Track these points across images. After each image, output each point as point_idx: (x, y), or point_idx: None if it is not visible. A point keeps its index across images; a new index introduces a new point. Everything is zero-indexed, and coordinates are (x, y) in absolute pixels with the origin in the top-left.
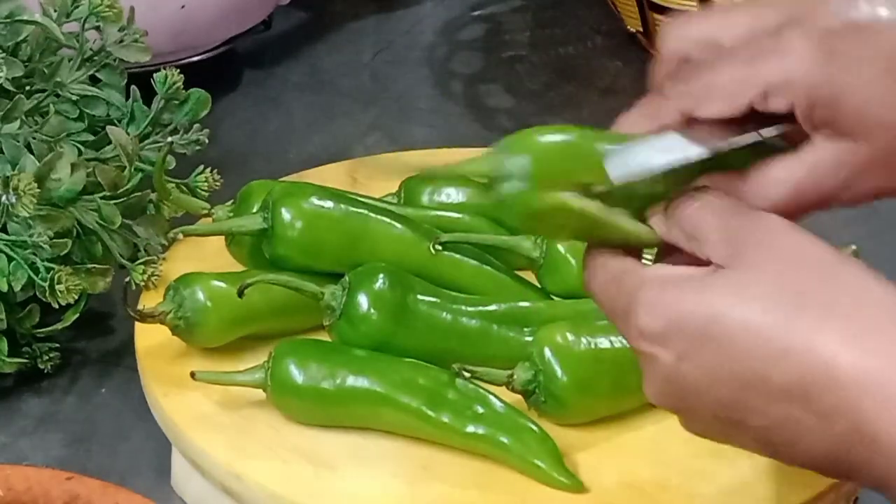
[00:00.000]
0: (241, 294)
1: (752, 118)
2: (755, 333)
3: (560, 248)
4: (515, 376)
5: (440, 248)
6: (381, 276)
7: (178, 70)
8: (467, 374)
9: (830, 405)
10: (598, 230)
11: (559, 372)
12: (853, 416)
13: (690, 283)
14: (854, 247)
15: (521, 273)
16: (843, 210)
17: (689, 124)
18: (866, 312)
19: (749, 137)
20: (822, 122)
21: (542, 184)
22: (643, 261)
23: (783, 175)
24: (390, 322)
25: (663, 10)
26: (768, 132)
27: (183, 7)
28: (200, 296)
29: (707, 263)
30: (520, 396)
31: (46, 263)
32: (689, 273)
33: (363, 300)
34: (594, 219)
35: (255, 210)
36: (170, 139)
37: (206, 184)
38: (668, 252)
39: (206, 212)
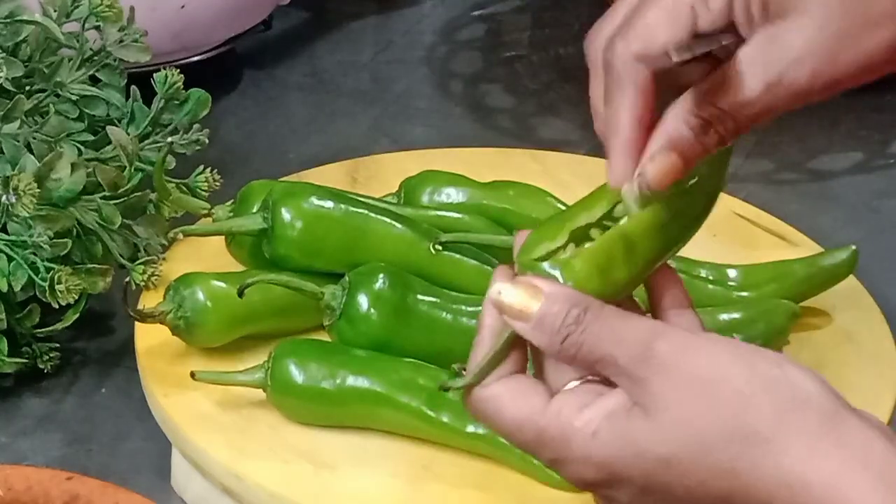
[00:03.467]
0: (241, 294)
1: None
2: (694, 477)
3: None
4: None
5: (440, 248)
6: (381, 276)
7: (178, 70)
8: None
9: None
10: None
11: None
12: None
13: (614, 429)
14: (854, 247)
15: None
16: (843, 210)
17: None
18: (787, 424)
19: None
20: (758, 5)
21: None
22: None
23: (739, 78)
24: (390, 322)
25: None
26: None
27: (183, 7)
28: (200, 296)
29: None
30: None
31: (46, 263)
32: (608, 411)
33: (363, 300)
34: None
35: (255, 210)
36: (170, 139)
37: (206, 184)
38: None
39: (205, 212)
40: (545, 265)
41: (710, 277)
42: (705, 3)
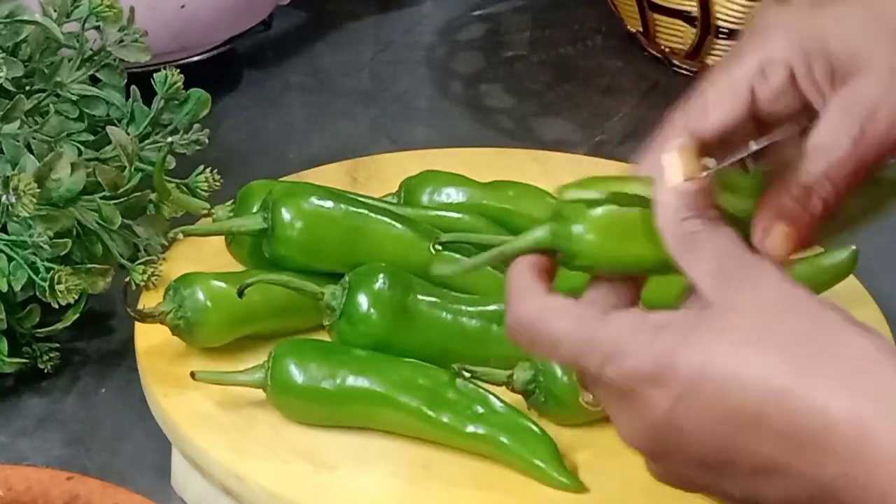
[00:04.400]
0: (241, 294)
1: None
2: (749, 379)
3: None
4: (515, 376)
5: (440, 248)
6: (382, 276)
7: (178, 70)
8: (467, 374)
9: (822, 451)
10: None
11: (559, 372)
12: (845, 463)
13: (679, 326)
14: (854, 247)
15: None
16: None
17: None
18: (852, 357)
19: (744, 151)
20: (823, 74)
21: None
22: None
23: (825, 140)
24: (390, 322)
25: (663, 10)
26: (762, 142)
27: (183, 7)
28: (200, 296)
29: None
30: (520, 396)
31: (46, 263)
32: (674, 316)
33: (363, 300)
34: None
35: (255, 210)
36: (170, 139)
37: (206, 184)
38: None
39: (205, 212)
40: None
41: None
42: (764, 78)
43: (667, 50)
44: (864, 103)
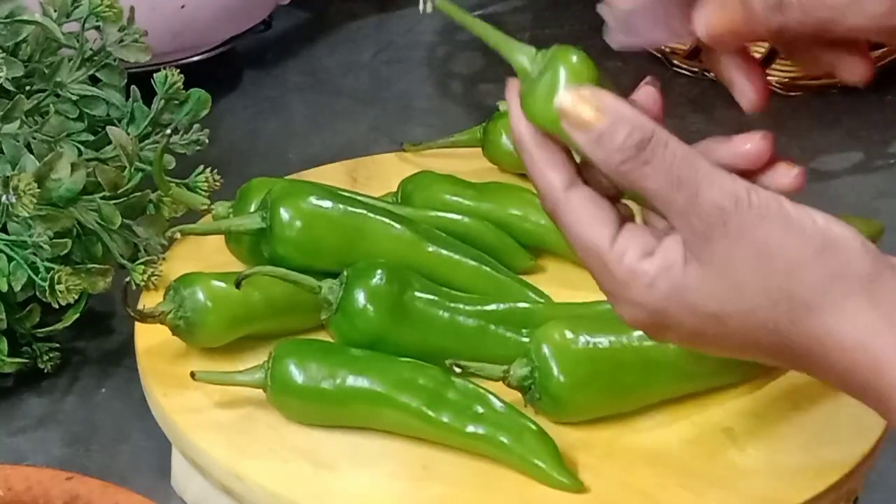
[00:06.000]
0: (238, 286)
1: None
2: (740, 331)
3: None
4: (512, 372)
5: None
6: (379, 271)
7: (178, 70)
8: (458, 370)
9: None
10: None
11: (555, 370)
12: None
13: (671, 285)
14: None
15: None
16: (843, 210)
17: None
18: (830, 290)
19: None
20: None
21: None
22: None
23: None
24: (386, 318)
25: None
26: None
27: (183, 7)
28: (200, 296)
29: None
30: (520, 396)
31: (46, 263)
32: (666, 264)
33: (360, 295)
34: None
35: (253, 208)
36: (168, 130)
37: (206, 184)
38: None
39: (205, 207)
40: None
41: None
42: None
43: (667, 50)
44: None
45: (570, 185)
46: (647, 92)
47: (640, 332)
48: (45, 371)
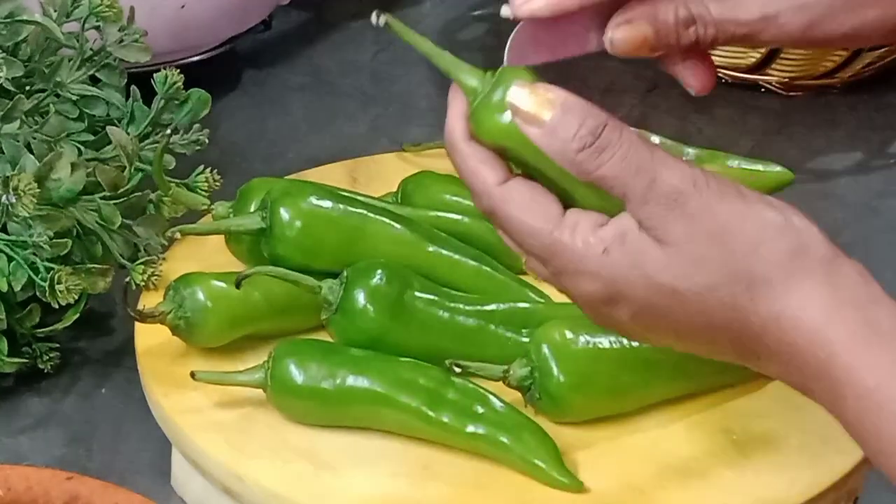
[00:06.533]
0: (238, 285)
1: None
2: (696, 306)
3: None
4: (511, 372)
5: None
6: (379, 271)
7: (178, 70)
8: (458, 370)
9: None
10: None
11: (555, 370)
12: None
13: (627, 253)
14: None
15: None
16: (843, 210)
17: None
18: (789, 269)
19: None
20: None
21: None
22: None
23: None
24: (386, 318)
25: None
26: None
27: (183, 7)
28: (200, 296)
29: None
30: (520, 396)
31: (46, 263)
32: (621, 232)
33: (360, 295)
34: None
35: (253, 208)
36: (168, 130)
37: (206, 184)
38: None
39: (205, 207)
40: None
41: None
42: None
43: None
44: None
45: (505, 179)
46: None
47: None
48: (45, 371)
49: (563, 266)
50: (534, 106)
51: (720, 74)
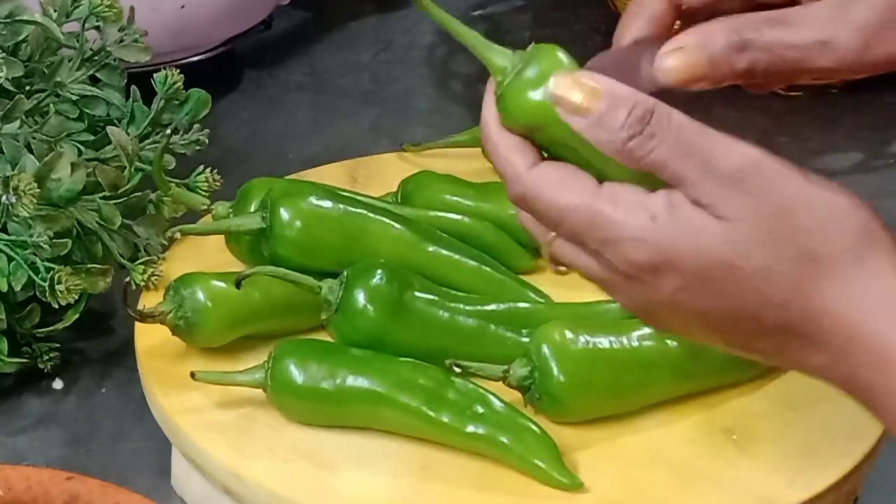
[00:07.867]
0: (238, 285)
1: None
2: (750, 284)
3: None
4: (511, 372)
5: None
6: (379, 271)
7: (178, 70)
8: (458, 370)
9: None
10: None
11: (555, 370)
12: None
13: (679, 220)
14: None
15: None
16: None
17: None
18: (848, 254)
19: None
20: None
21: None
22: None
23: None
24: (386, 318)
25: None
26: None
27: (183, 7)
28: (200, 296)
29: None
30: (520, 396)
31: (46, 263)
32: (669, 202)
33: (360, 295)
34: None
35: (253, 208)
36: (168, 130)
37: (206, 184)
38: None
39: (205, 207)
40: None
41: None
42: None
43: None
44: (853, 20)
45: (535, 163)
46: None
47: (640, 333)
48: (45, 371)
49: (605, 237)
50: (579, 96)
51: None
